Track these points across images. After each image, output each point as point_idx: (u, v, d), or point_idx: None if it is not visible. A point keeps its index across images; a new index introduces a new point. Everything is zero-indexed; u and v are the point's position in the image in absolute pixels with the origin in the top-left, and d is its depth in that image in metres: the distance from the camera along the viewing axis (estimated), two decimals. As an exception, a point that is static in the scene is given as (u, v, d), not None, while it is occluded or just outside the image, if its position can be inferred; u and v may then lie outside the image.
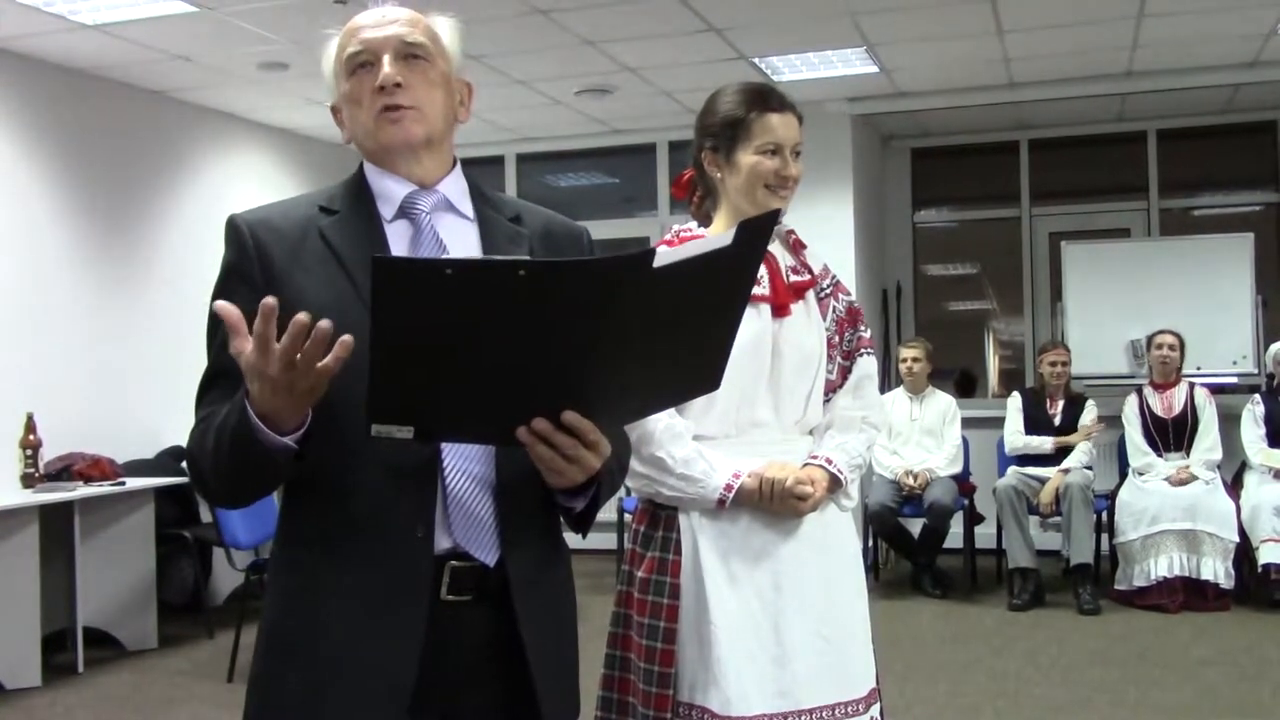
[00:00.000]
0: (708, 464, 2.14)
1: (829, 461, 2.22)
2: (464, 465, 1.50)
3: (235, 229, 1.57)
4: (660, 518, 2.21)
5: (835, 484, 2.22)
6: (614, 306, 1.27)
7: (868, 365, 2.33)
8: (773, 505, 2.14)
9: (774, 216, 1.49)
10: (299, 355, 1.29)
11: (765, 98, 2.23)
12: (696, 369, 1.48)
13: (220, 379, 1.54)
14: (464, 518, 1.50)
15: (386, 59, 1.56)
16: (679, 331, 1.39)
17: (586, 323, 1.27)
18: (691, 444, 2.16)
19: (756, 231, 1.41)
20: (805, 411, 2.25)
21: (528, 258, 1.31)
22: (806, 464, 2.21)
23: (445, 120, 1.62)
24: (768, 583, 2.16)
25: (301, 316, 1.28)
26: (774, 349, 2.19)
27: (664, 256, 1.27)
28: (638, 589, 2.19)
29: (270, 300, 1.29)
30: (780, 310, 2.22)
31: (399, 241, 1.57)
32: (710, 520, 2.17)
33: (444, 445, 1.49)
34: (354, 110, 1.59)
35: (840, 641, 2.19)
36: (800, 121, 2.25)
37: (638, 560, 2.22)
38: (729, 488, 2.14)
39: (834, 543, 2.25)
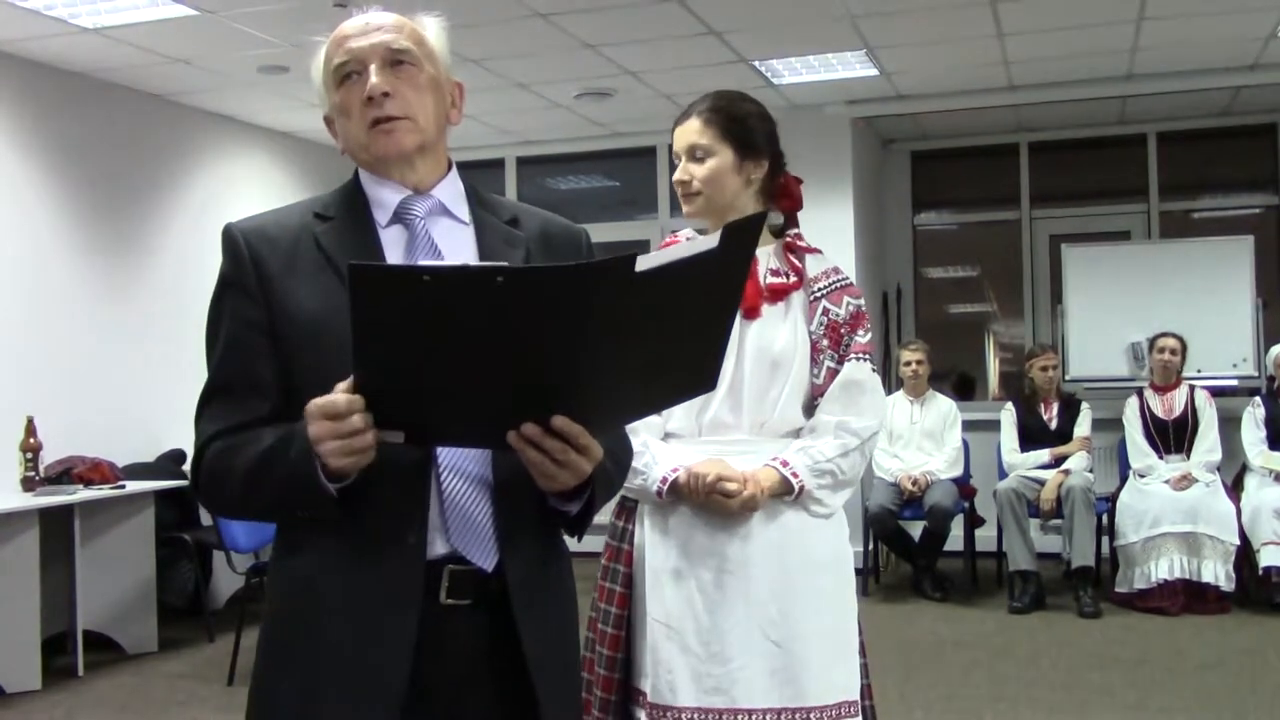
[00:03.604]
0: (651, 457, 2.19)
1: (784, 464, 2.19)
2: (460, 466, 1.50)
3: (230, 239, 1.56)
4: (625, 510, 2.30)
5: (787, 487, 2.19)
6: (598, 311, 1.27)
7: (854, 371, 2.28)
8: (699, 500, 2.17)
9: (760, 219, 1.48)
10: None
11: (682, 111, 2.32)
12: (691, 370, 1.47)
13: (221, 394, 1.54)
14: (461, 522, 1.49)
15: (373, 69, 1.55)
16: (670, 334, 1.38)
17: (570, 328, 1.26)
18: (642, 437, 2.18)
19: (742, 234, 1.40)
20: (773, 414, 2.23)
21: (506, 264, 1.31)
22: (767, 465, 2.21)
23: (437, 125, 1.61)
24: (710, 580, 2.18)
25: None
26: (737, 350, 2.19)
27: (646, 261, 1.27)
28: (601, 577, 2.31)
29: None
30: (749, 312, 2.22)
31: (394, 247, 1.57)
32: (659, 514, 2.23)
33: (439, 447, 1.49)
34: (345, 121, 1.59)
35: (794, 648, 2.15)
36: (710, 122, 2.27)
37: (607, 550, 2.33)
38: (664, 480, 2.18)
39: (795, 548, 2.21)
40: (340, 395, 1.34)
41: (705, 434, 2.23)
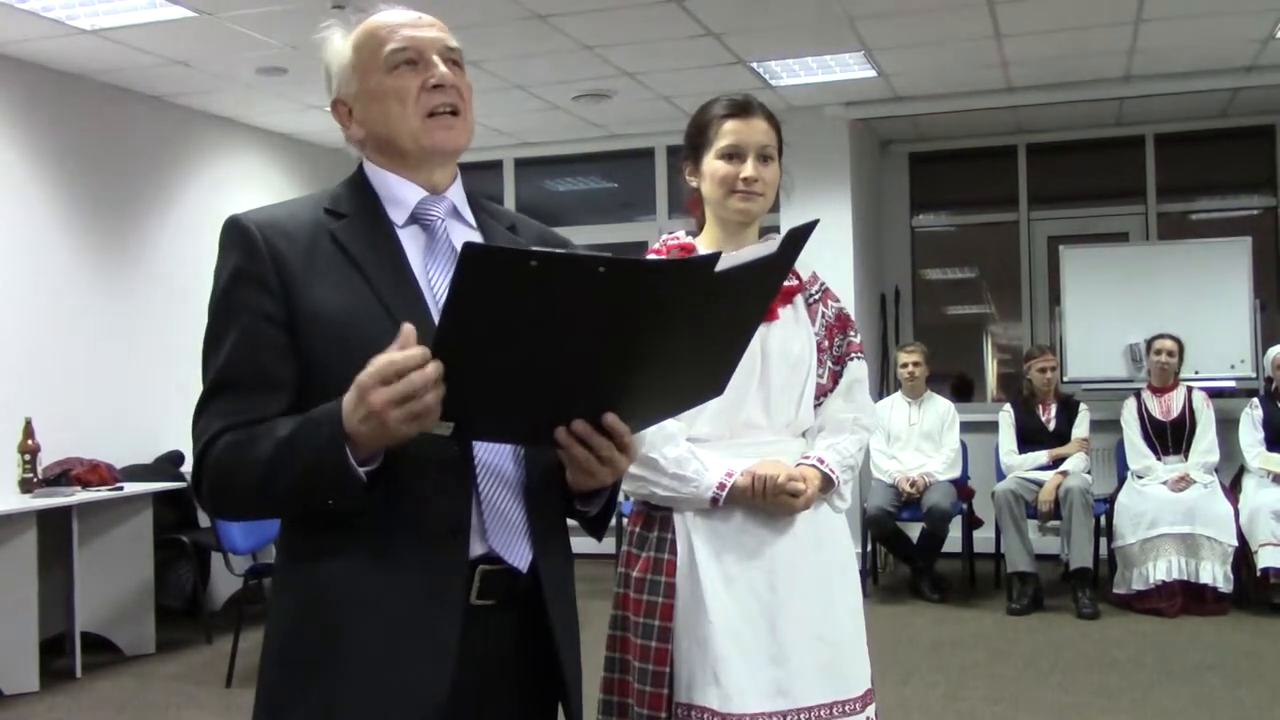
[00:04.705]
0: (700, 463, 2.17)
1: (821, 461, 2.24)
2: (496, 465, 1.48)
3: (243, 231, 1.50)
4: (655, 519, 2.24)
5: (827, 484, 2.24)
6: (671, 309, 1.28)
7: (858, 370, 2.35)
8: (765, 502, 2.16)
9: (812, 226, 1.50)
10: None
11: (729, 104, 2.26)
12: (710, 375, 1.49)
13: (228, 390, 1.48)
14: (498, 521, 1.48)
15: (437, 59, 1.55)
16: (710, 336, 1.40)
17: (642, 323, 1.28)
18: (684, 444, 2.18)
19: (798, 243, 1.44)
20: (797, 414, 2.27)
21: (606, 254, 1.32)
22: (800, 464, 2.23)
23: None
24: (762, 582, 2.18)
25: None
26: (762, 352, 2.20)
27: (724, 261, 1.29)
28: (633, 590, 2.22)
29: (410, 328, 1.30)
30: (767, 314, 2.23)
31: (413, 247, 1.56)
32: (704, 520, 2.19)
33: (475, 445, 1.47)
34: (391, 107, 1.55)
35: (836, 641, 2.21)
36: (773, 125, 2.26)
37: (633, 561, 2.25)
38: (722, 486, 2.16)
39: (828, 543, 2.27)
40: (395, 354, 1.28)
41: (735, 435, 2.23)
